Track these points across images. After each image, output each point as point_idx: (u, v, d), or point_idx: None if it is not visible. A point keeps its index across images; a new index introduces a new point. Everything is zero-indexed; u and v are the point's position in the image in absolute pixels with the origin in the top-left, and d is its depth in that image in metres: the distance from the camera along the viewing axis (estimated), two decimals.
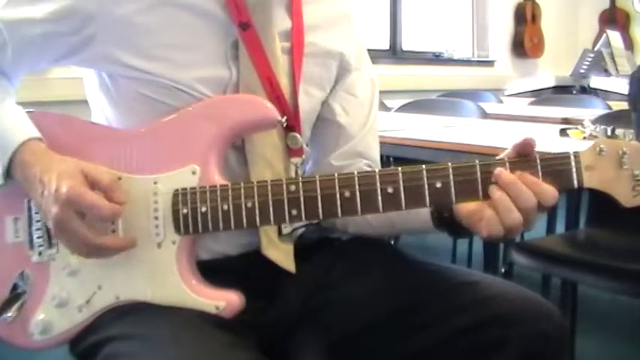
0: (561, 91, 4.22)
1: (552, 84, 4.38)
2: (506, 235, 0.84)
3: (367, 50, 1.17)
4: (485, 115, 2.74)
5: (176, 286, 0.91)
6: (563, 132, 1.84)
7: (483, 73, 5.06)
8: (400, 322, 0.95)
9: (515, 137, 0.86)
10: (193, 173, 0.92)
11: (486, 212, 0.85)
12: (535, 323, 0.90)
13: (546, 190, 0.83)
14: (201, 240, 0.95)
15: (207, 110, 0.95)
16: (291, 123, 0.99)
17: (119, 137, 0.97)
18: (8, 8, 0.96)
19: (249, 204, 0.89)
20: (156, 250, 0.92)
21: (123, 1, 0.93)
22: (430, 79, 4.47)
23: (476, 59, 5.15)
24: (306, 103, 1.03)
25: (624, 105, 2.14)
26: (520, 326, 0.90)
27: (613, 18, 5.70)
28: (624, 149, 0.83)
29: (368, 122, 1.12)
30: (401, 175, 0.86)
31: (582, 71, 4.35)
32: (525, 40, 5.34)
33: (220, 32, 0.97)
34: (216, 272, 0.94)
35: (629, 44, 5.39)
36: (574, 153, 0.84)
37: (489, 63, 5.20)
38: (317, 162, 1.12)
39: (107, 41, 0.94)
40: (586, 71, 4.33)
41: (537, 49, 5.42)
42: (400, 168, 0.87)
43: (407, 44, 4.69)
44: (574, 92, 4.19)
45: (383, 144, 1.17)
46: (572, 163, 0.84)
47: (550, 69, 5.14)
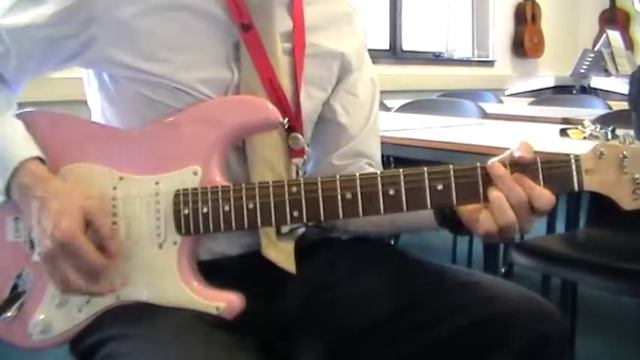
0: (561, 91, 4.21)
1: (552, 84, 4.37)
2: (501, 235, 0.85)
3: (367, 50, 1.17)
4: (485, 115, 2.74)
5: (176, 287, 0.91)
6: (563, 132, 1.84)
7: (483, 73, 5.06)
8: (400, 322, 0.95)
9: (515, 137, 0.86)
10: (195, 174, 0.92)
11: (482, 212, 0.86)
12: (535, 323, 0.90)
13: (541, 194, 0.83)
14: (201, 240, 0.95)
15: (209, 111, 0.94)
16: (292, 124, 0.99)
17: (121, 137, 0.96)
18: (10, 16, 0.96)
19: (250, 205, 0.89)
20: (157, 251, 0.92)
21: (123, 3, 0.93)
22: (430, 79, 4.47)
23: (476, 59, 5.15)
24: (307, 104, 1.03)
25: (624, 105, 2.14)
26: (520, 326, 0.90)
27: (613, 18, 5.70)
28: (625, 153, 0.83)
29: (369, 122, 1.12)
30: (402, 177, 0.86)
31: (582, 71, 4.34)
32: (525, 40, 5.34)
33: (221, 33, 0.96)
34: (216, 273, 0.94)
35: (629, 44, 5.38)
36: (574, 156, 0.84)
37: (489, 63, 5.20)
38: (318, 162, 1.12)
39: (108, 43, 0.94)
40: (586, 71, 4.32)
41: (537, 49, 5.42)
42: (402, 170, 0.87)
43: (407, 44, 4.70)
44: (574, 92, 4.18)
45: (383, 144, 1.17)
46: (572, 167, 0.84)
47: (550, 69, 5.14)
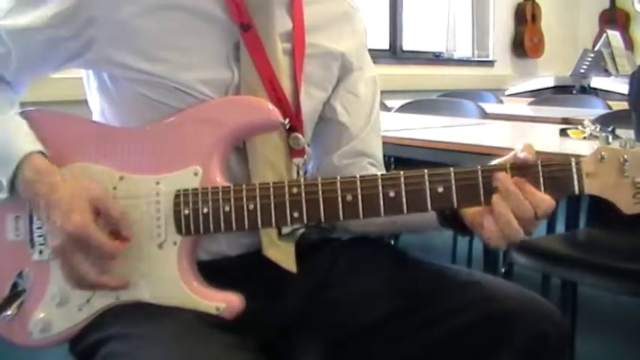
0: (561, 91, 4.20)
1: (552, 84, 4.36)
2: (507, 244, 0.85)
3: (367, 50, 1.17)
4: (485, 115, 2.74)
5: (176, 287, 0.91)
6: (563, 132, 1.84)
7: (483, 73, 5.06)
8: (400, 322, 0.95)
9: (515, 137, 0.86)
10: (195, 174, 0.92)
11: (487, 221, 0.85)
12: (535, 323, 0.90)
13: (542, 200, 0.83)
14: (200, 241, 0.95)
15: (210, 112, 0.95)
16: (292, 124, 0.99)
17: (121, 137, 0.96)
18: (10, 17, 0.96)
19: (250, 206, 0.89)
20: (157, 251, 0.92)
21: (123, 4, 0.93)
22: (430, 79, 4.46)
23: (476, 59, 5.14)
24: (307, 104, 1.03)
25: (624, 105, 2.14)
26: (520, 326, 0.90)
27: (613, 18, 5.69)
28: (625, 157, 0.83)
29: (370, 121, 1.12)
30: (403, 179, 0.86)
31: (582, 71, 4.34)
32: (525, 40, 5.34)
33: (222, 33, 0.96)
34: (215, 273, 0.94)
35: (629, 44, 5.38)
36: (575, 160, 0.84)
37: (489, 63, 5.20)
38: (319, 162, 1.12)
39: (108, 44, 0.94)
40: (586, 71, 4.32)
41: (537, 49, 5.42)
42: (402, 172, 0.87)
43: (407, 44, 4.69)
44: (574, 92, 4.18)
45: (383, 144, 1.17)
46: (573, 170, 0.84)
47: (550, 69, 5.13)
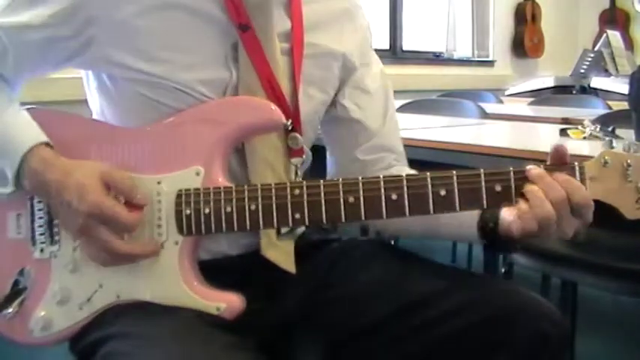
0: (561, 91, 4.20)
1: (552, 84, 4.36)
2: (539, 232, 0.84)
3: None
4: (485, 115, 2.74)
5: (177, 287, 0.91)
6: (563, 132, 1.84)
7: (483, 73, 5.06)
8: (400, 322, 0.95)
9: (515, 137, 0.86)
10: (197, 174, 0.92)
11: (520, 206, 0.85)
12: (535, 323, 0.90)
13: (577, 187, 0.83)
14: (202, 241, 0.95)
15: (212, 111, 0.95)
16: (291, 124, 0.98)
17: (123, 136, 0.96)
18: (7, 14, 0.95)
19: (252, 207, 0.89)
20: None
21: (122, 4, 0.92)
22: (430, 79, 4.46)
23: (476, 59, 5.14)
24: (306, 105, 1.02)
25: (624, 105, 2.14)
26: (520, 326, 0.90)
27: (613, 18, 5.69)
28: (629, 161, 0.84)
29: (387, 115, 1.12)
30: (405, 182, 0.87)
31: (582, 71, 4.34)
32: (525, 40, 5.34)
33: (220, 34, 0.96)
34: (215, 272, 0.94)
35: (629, 44, 5.38)
36: (579, 164, 0.85)
37: (489, 63, 5.20)
38: (341, 163, 1.12)
39: (107, 44, 0.94)
40: (586, 71, 4.32)
41: (537, 49, 5.42)
42: (405, 174, 0.88)
43: (407, 44, 4.69)
44: (574, 92, 4.18)
45: None
46: (577, 174, 0.85)
47: (550, 69, 5.13)
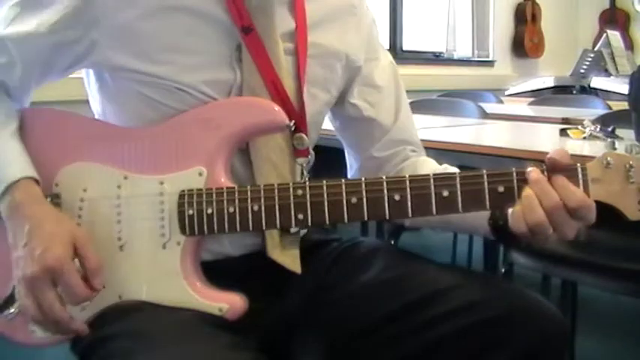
0: (561, 91, 4.20)
1: (552, 84, 4.36)
2: (533, 234, 0.84)
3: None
4: (485, 115, 2.74)
5: (180, 288, 0.92)
6: (563, 132, 1.84)
7: (483, 73, 5.06)
8: (401, 322, 0.95)
9: (515, 137, 0.86)
10: (200, 175, 0.92)
11: (515, 208, 0.85)
12: (535, 323, 0.91)
13: (572, 193, 0.83)
14: (204, 241, 0.95)
15: (215, 112, 0.95)
16: (297, 124, 0.99)
17: (125, 136, 0.96)
18: (13, 26, 0.96)
19: (255, 207, 0.89)
20: (160, 251, 0.92)
21: (125, 7, 0.93)
22: (430, 79, 4.46)
23: (476, 59, 5.14)
24: (310, 105, 1.02)
25: (624, 105, 2.14)
26: (520, 326, 0.90)
27: (613, 18, 5.69)
28: (631, 163, 0.84)
29: (401, 107, 1.12)
30: (408, 183, 0.87)
31: (582, 71, 4.34)
32: (525, 40, 5.33)
33: (224, 35, 0.96)
34: (217, 273, 0.94)
35: (629, 44, 5.38)
36: (581, 165, 0.85)
37: (489, 63, 5.20)
38: (358, 162, 1.12)
39: (111, 46, 0.94)
40: (586, 71, 4.32)
41: (537, 49, 5.42)
42: (407, 175, 0.88)
43: (407, 44, 4.69)
44: (574, 92, 4.18)
45: None
46: (579, 176, 0.85)
47: (550, 69, 5.13)
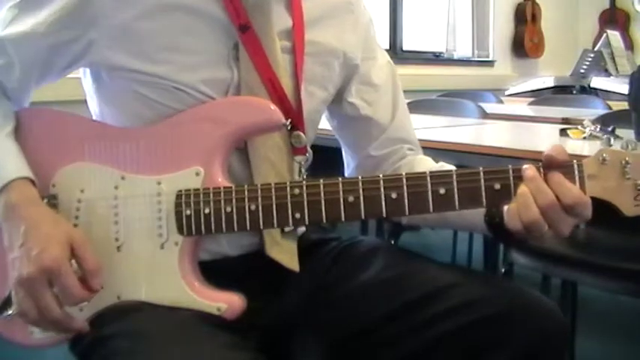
0: (561, 91, 4.20)
1: (552, 84, 4.37)
2: (528, 231, 0.85)
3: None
4: (485, 115, 2.74)
5: (178, 287, 0.91)
6: (563, 132, 1.84)
7: (483, 73, 5.06)
8: (401, 321, 0.95)
9: (515, 137, 0.86)
10: (197, 175, 0.92)
11: (511, 206, 0.86)
12: (535, 321, 0.90)
13: (567, 190, 0.83)
14: (202, 241, 0.95)
15: (212, 112, 0.95)
16: (294, 122, 0.99)
17: (123, 136, 0.96)
18: (11, 27, 0.96)
19: (252, 207, 0.89)
20: (158, 251, 0.92)
21: (124, 6, 0.93)
22: (430, 79, 4.46)
23: (476, 59, 5.15)
24: (308, 103, 1.02)
25: (624, 105, 2.14)
26: (520, 324, 0.90)
27: (613, 18, 5.70)
28: (627, 159, 0.84)
29: (396, 105, 1.12)
30: (405, 181, 0.87)
31: (582, 71, 4.34)
32: (525, 40, 5.34)
33: (221, 34, 0.96)
34: (215, 273, 0.94)
35: (629, 44, 5.39)
36: (577, 162, 0.85)
37: (489, 63, 5.20)
38: (355, 160, 1.12)
39: (109, 46, 0.94)
40: (586, 71, 4.32)
41: (537, 49, 5.42)
42: (404, 173, 0.88)
43: (407, 44, 4.69)
44: (574, 92, 4.18)
45: None
46: (575, 172, 0.85)
47: (550, 69, 5.14)
